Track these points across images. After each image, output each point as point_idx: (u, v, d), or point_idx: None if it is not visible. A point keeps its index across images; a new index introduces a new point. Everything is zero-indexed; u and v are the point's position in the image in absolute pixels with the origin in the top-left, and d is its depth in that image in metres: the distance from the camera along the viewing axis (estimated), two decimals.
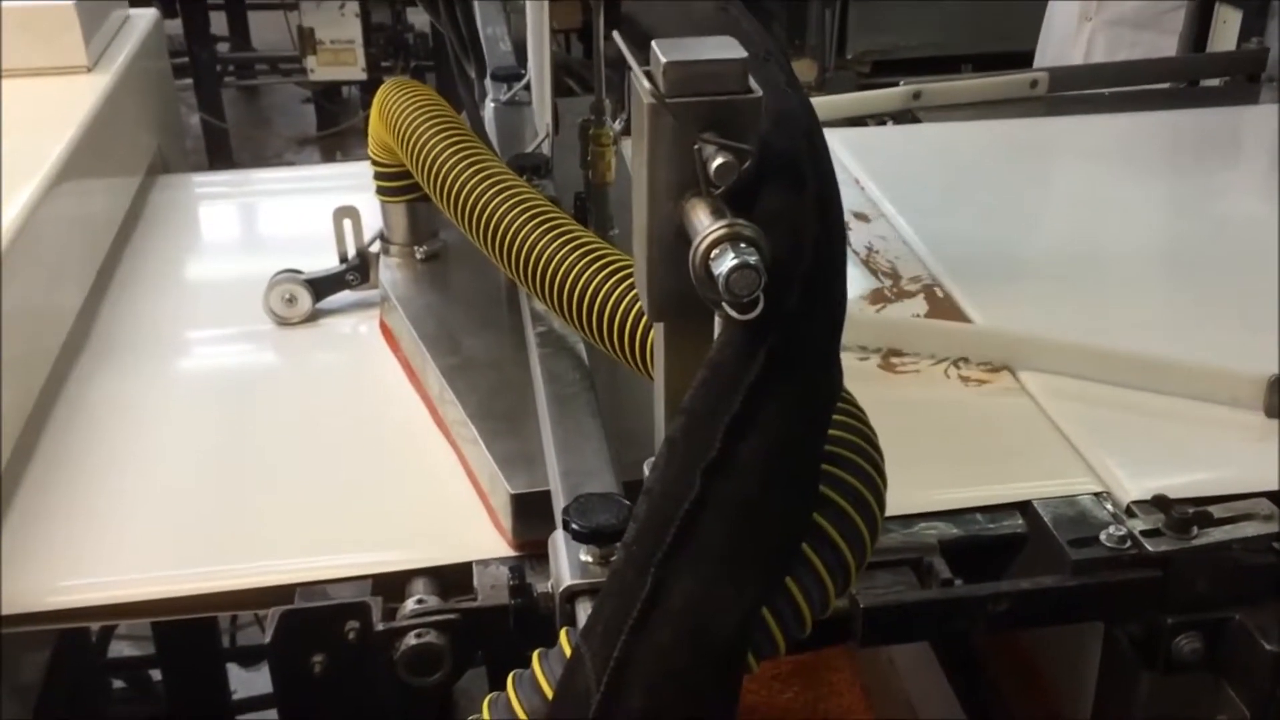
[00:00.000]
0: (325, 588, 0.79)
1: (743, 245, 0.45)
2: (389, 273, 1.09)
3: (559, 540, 0.68)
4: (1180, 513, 0.81)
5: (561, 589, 0.66)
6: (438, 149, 0.89)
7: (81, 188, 1.12)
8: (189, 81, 3.83)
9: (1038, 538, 0.84)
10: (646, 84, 0.48)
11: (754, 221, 0.47)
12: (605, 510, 0.64)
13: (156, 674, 1.68)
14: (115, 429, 0.96)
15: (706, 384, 0.46)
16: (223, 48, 4.15)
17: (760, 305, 0.44)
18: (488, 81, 1.24)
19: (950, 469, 0.91)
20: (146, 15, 1.48)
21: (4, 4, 1.24)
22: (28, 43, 1.25)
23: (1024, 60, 3.27)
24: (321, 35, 3.69)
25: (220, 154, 3.84)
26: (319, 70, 3.73)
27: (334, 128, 4.18)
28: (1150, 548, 0.80)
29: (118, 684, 1.71)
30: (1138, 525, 0.82)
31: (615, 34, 0.52)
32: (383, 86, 1.01)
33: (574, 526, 0.64)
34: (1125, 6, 2.35)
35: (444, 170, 0.87)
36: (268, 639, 0.76)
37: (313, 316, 1.11)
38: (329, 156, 4.17)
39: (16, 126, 1.17)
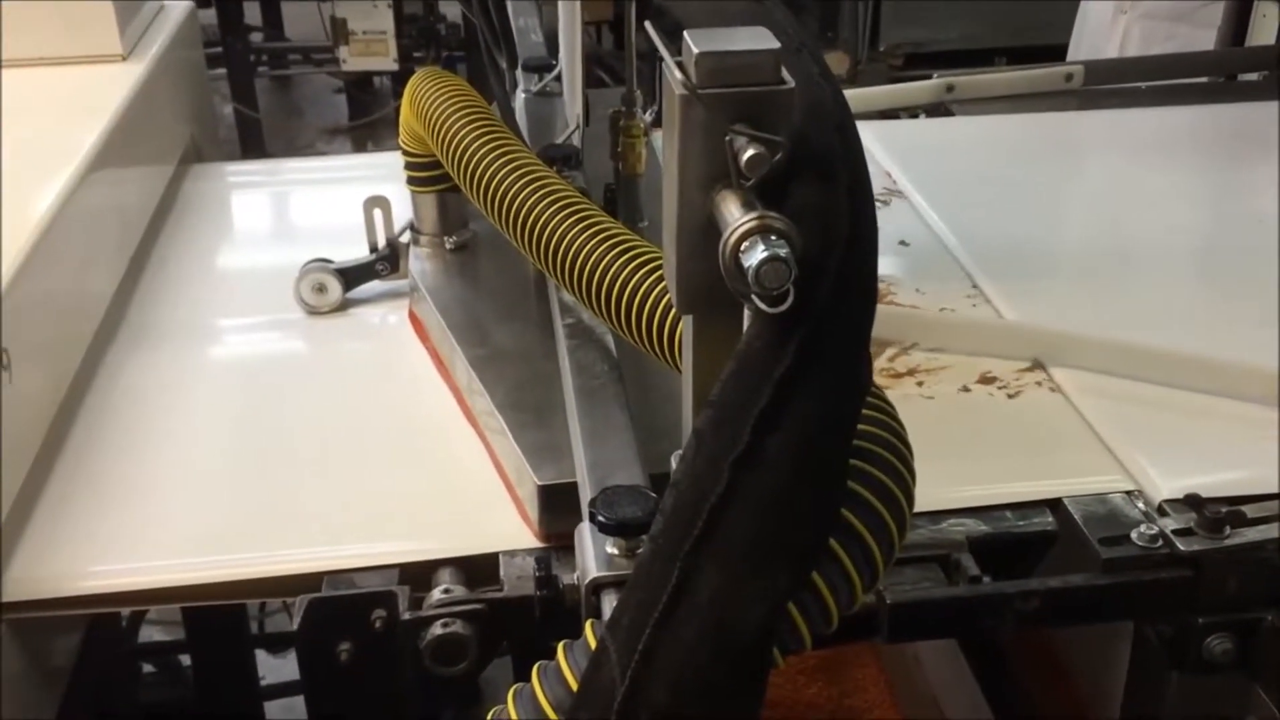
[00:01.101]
0: (352, 576, 0.80)
1: (773, 238, 0.45)
2: (418, 263, 1.09)
3: (585, 532, 0.68)
4: (1212, 512, 0.80)
5: (587, 581, 0.66)
6: (468, 139, 0.89)
7: (115, 176, 1.13)
8: (223, 71, 3.85)
9: (1068, 536, 0.83)
10: (678, 74, 0.48)
11: (785, 214, 0.46)
12: (631, 503, 0.64)
13: (186, 659, 1.69)
14: (147, 415, 0.97)
15: (736, 376, 0.46)
16: (256, 38, 4.18)
17: (790, 298, 0.44)
18: (519, 72, 1.24)
19: (980, 465, 0.91)
20: (181, 6, 1.49)
21: None
22: (63, 32, 1.26)
23: (1058, 54, 3.24)
24: (354, 26, 3.70)
25: (253, 143, 3.86)
26: (351, 61, 3.74)
27: (365, 118, 4.19)
28: (1182, 547, 0.79)
29: (147, 669, 1.72)
30: (1169, 524, 0.81)
31: (647, 24, 0.52)
32: (414, 76, 1.01)
33: (600, 519, 0.64)
34: None
35: (474, 161, 0.87)
36: (295, 626, 0.77)
37: (343, 306, 1.12)
38: (360, 146, 4.19)
39: (52, 114, 1.19)
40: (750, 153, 0.45)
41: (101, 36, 1.26)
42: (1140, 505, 0.85)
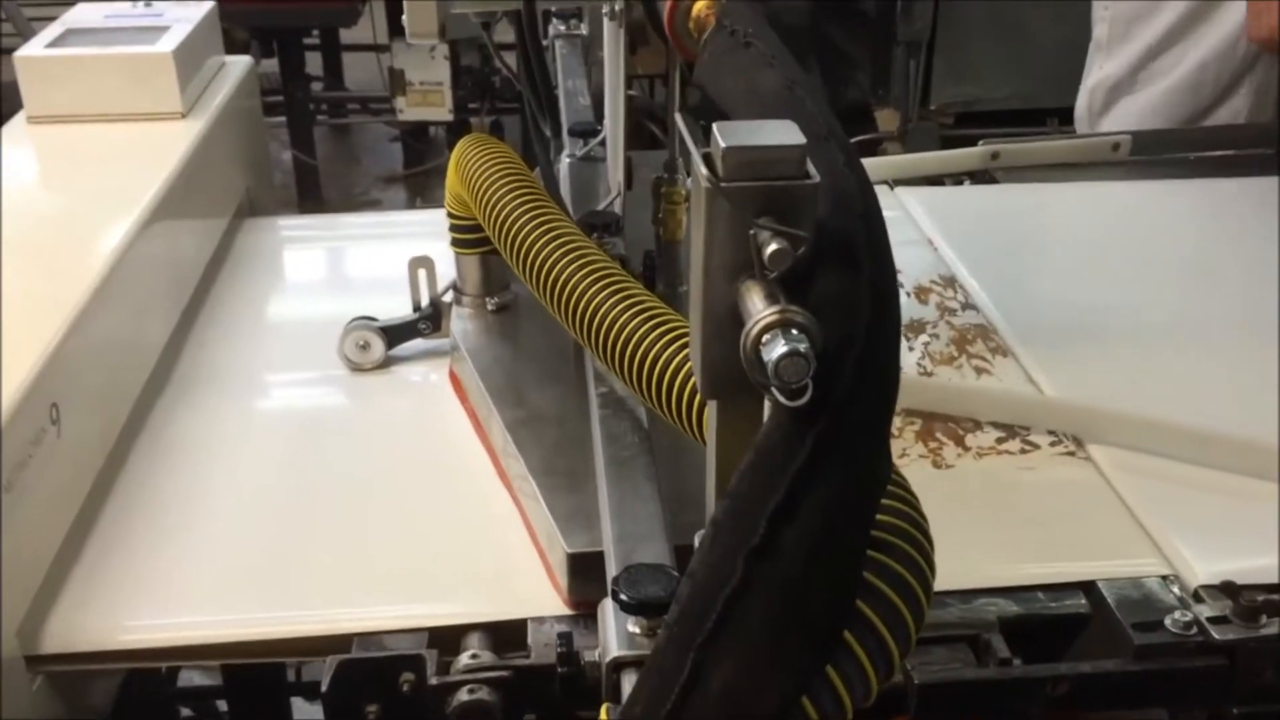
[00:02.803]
0: (383, 638, 0.81)
1: (794, 331, 0.46)
2: (460, 323, 1.10)
3: (607, 610, 0.68)
4: (1249, 600, 0.79)
5: (608, 660, 0.66)
6: (508, 206, 0.91)
7: (170, 229, 1.16)
8: (283, 119, 3.94)
9: (1101, 619, 0.82)
10: (704, 169, 0.49)
11: (808, 305, 0.47)
12: (654, 581, 0.64)
13: (223, 704, 1.71)
14: (188, 468, 0.98)
15: (753, 468, 0.46)
16: (317, 87, 4.26)
17: (809, 393, 0.45)
18: (564, 137, 1.26)
19: (1013, 544, 0.90)
20: (241, 61, 1.53)
21: (105, 51, 1.29)
22: (126, 89, 1.29)
23: None
24: (411, 77, 3.76)
25: (309, 189, 3.93)
26: (408, 110, 3.80)
27: (420, 166, 4.25)
28: (1216, 635, 0.78)
29: (186, 712, 1.74)
30: (1204, 611, 0.80)
31: (678, 115, 0.53)
32: (460, 143, 1.03)
33: (622, 597, 0.64)
34: None
35: (512, 227, 0.89)
36: (324, 687, 0.78)
37: (385, 363, 1.13)
38: (415, 194, 4.25)
39: (112, 169, 1.22)
40: (773, 247, 0.46)
41: (163, 94, 1.30)
42: (1175, 590, 0.84)
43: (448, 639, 0.81)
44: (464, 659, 0.79)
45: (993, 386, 1.06)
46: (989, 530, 0.91)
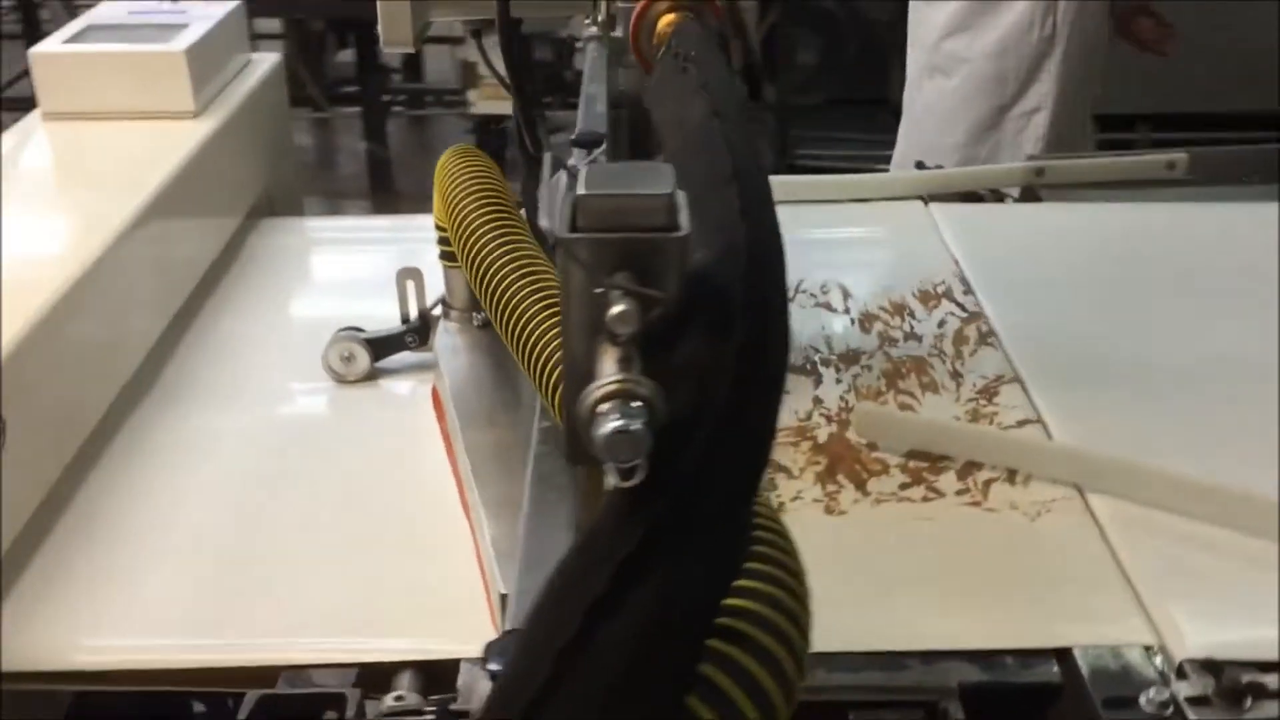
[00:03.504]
0: (311, 673, 0.78)
1: (635, 404, 0.41)
2: (445, 337, 1.07)
3: (476, 675, 0.65)
4: (1231, 680, 0.73)
5: None
6: (471, 224, 0.87)
7: (163, 231, 1.14)
8: (358, 110, 3.97)
9: (1072, 691, 0.76)
10: (567, 215, 0.45)
11: (664, 373, 0.43)
12: None
13: None
14: (154, 481, 0.97)
15: (578, 552, 0.42)
16: (398, 79, 4.28)
17: (640, 474, 0.40)
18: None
19: (989, 600, 0.84)
20: (269, 59, 1.52)
21: (116, 48, 1.29)
22: (138, 87, 1.29)
23: (1206, 123, 3.08)
24: (483, 70, 3.75)
25: (382, 181, 3.95)
26: (479, 104, 3.80)
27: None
28: (1193, 716, 0.72)
29: None
30: (1185, 689, 0.74)
31: (545, 156, 0.48)
32: (445, 155, 1.00)
33: (490, 667, 0.60)
34: None
35: (471, 245, 0.86)
36: None
37: (372, 375, 1.11)
38: None
39: (111, 170, 1.21)
40: (618, 309, 0.42)
41: (175, 93, 1.29)
42: (1158, 662, 0.77)
43: (379, 676, 0.78)
44: (388, 700, 0.75)
45: (988, 430, 1.00)
46: (964, 583, 0.85)
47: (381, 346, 1.10)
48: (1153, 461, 0.92)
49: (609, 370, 0.43)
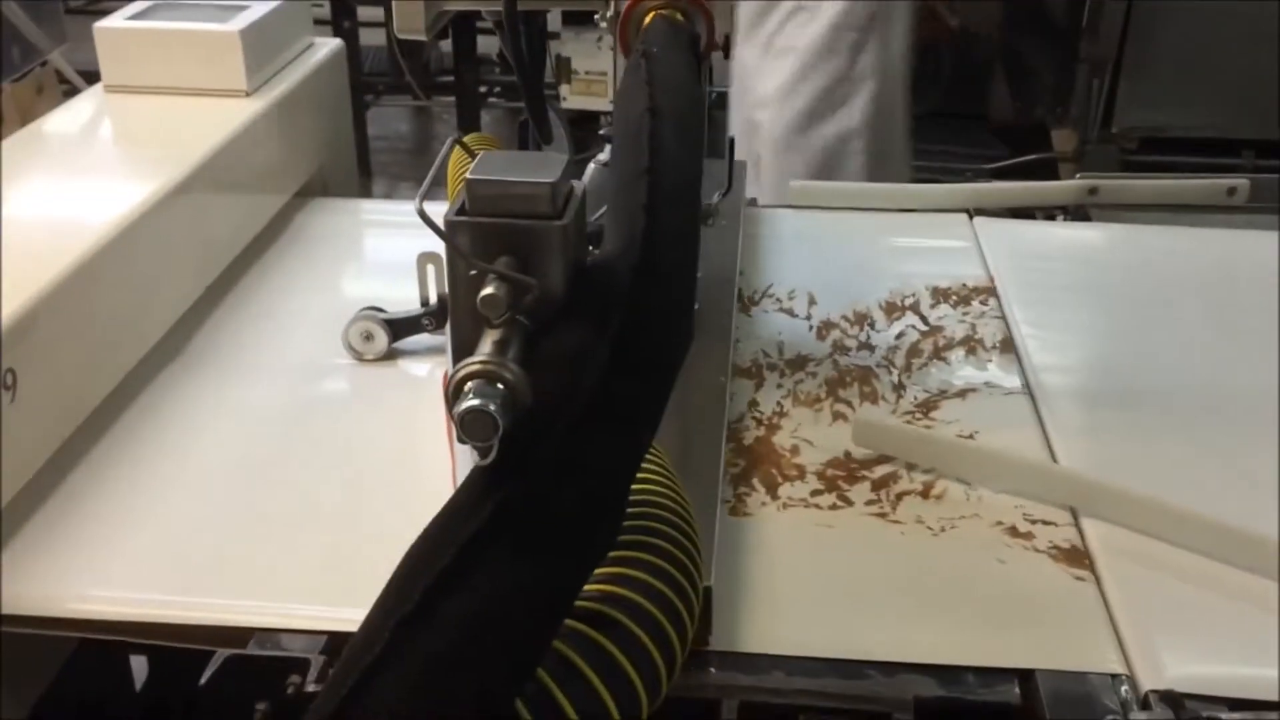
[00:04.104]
0: (281, 637, 0.80)
1: (498, 386, 0.42)
2: None
3: None
4: (1190, 715, 0.71)
5: None
6: None
7: (203, 204, 1.18)
8: (453, 100, 4.02)
9: (1028, 713, 0.75)
10: (458, 199, 0.46)
11: (537, 359, 0.43)
12: None
13: None
14: (167, 441, 1.00)
15: (432, 527, 0.43)
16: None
17: (493, 453, 0.41)
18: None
19: (961, 615, 0.83)
20: (331, 44, 1.55)
21: (174, 25, 1.33)
22: (194, 64, 1.33)
23: None
24: (577, 65, 3.77)
25: None
26: (571, 99, 3.82)
27: (583, 154, 4.27)
28: None
29: None
30: None
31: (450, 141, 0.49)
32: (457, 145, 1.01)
33: None
34: None
35: None
36: (202, 680, 0.77)
37: (391, 355, 1.13)
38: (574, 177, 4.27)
39: (159, 141, 1.25)
40: (486, 291, 0.42)
41: (227, 71, 1.32)
42: (1123, 691, 0.76)
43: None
44: None
45: (985, 447, 0.98)
46: (938, 597, 0.84)
47: (400, 328, 1.12)
48: (1148, 490, 0.89)
49: (482, 351, 0.44)
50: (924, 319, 1.17)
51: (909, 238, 1.38)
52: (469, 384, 0.42)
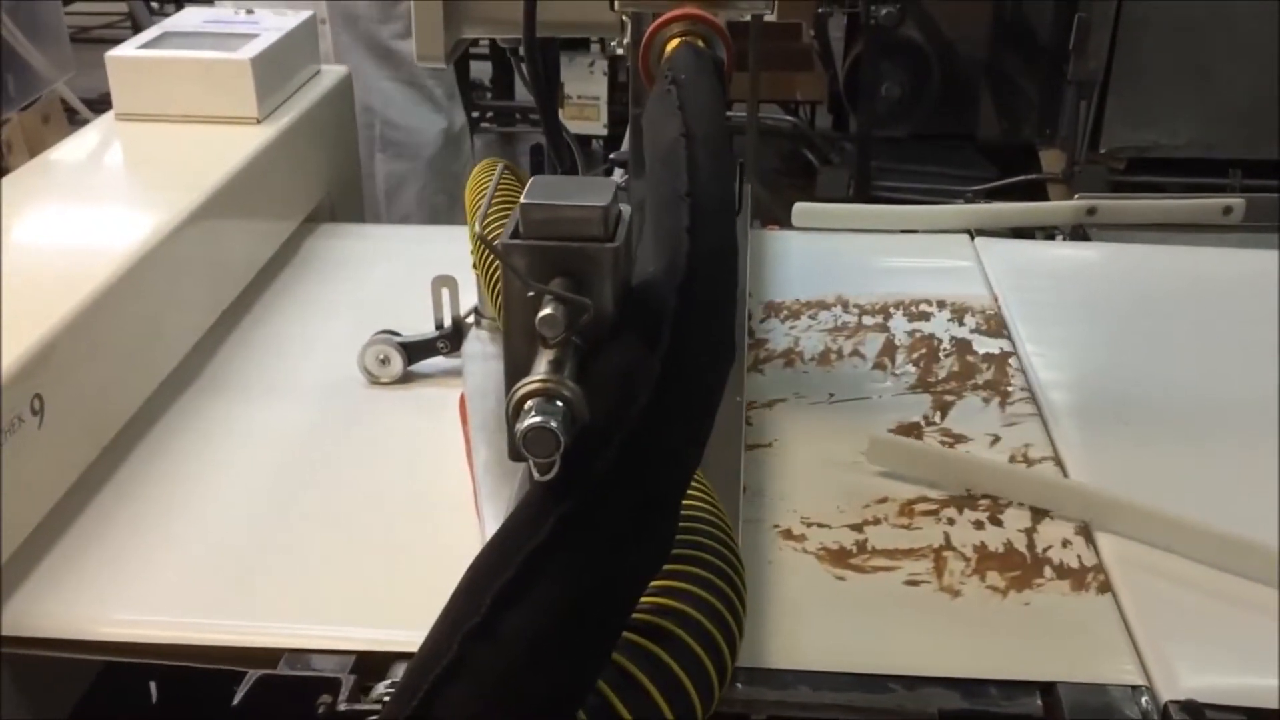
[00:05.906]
0: (311, 657, 0.81)
1: (557, 403, 0.43)
2: (473, 344, 1.10)
3: None
4: None
5: None
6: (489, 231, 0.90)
7: (215, 230, 1.19)
8: None
9: None
10: (511, 223, 0.47)
11: (594, 377, 0.45)
12: None
13: None
14: (188, 465, 1.01)
15: (496, 541, 0.44)
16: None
17: (555, 470, 0.42)
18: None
19: (983, 631, 0.84)
20: (337, 71, 1.57)
21: (185, 54, 1.34)
22: (206, 92, 1.34)
23: None
24: (570, 90, 3.81)
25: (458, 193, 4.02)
26: (565, 123, 3.85)
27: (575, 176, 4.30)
28: None
29: None
30: None
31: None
32: (477, 168, 1.03)
33: None
34: None
35: (484, 256, 0.88)
36: (236, 700, 0.78)
37: (406, 378, 1.14)
38: None
39: (172, 169, 1.26)
40: (545, 312, 0.44)
41: (240, 100, 1.34)
42: (1144, 702, 0.77)
43: (376, 665, 0.80)
44: (380, 687, 0.78)
45: (999, 463, 1.00)
46: (960, 613, 0.85)
47: (415, 351, 1.14)
48: (1160, 504, 0.91)
49: (539, 370, 0.45)
50: (931, 335, 1.19)
51: (912, 258, 1.40)
52: (529, 402, 0.43)
